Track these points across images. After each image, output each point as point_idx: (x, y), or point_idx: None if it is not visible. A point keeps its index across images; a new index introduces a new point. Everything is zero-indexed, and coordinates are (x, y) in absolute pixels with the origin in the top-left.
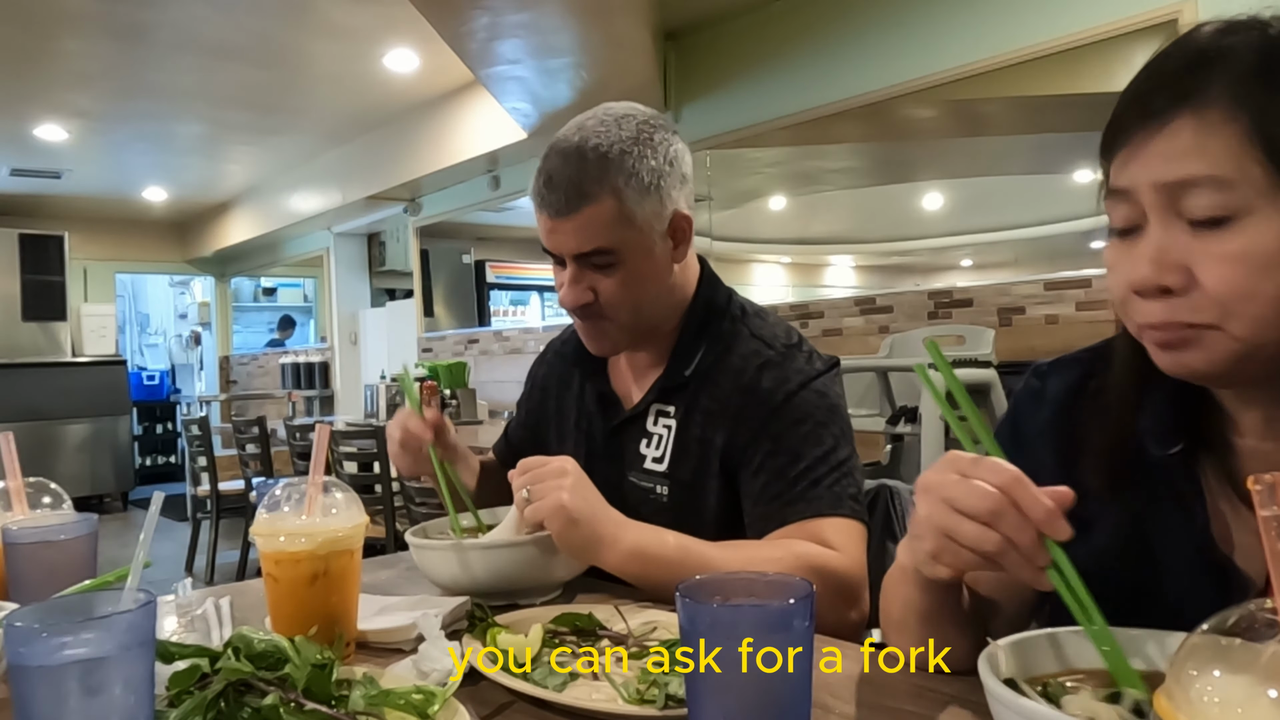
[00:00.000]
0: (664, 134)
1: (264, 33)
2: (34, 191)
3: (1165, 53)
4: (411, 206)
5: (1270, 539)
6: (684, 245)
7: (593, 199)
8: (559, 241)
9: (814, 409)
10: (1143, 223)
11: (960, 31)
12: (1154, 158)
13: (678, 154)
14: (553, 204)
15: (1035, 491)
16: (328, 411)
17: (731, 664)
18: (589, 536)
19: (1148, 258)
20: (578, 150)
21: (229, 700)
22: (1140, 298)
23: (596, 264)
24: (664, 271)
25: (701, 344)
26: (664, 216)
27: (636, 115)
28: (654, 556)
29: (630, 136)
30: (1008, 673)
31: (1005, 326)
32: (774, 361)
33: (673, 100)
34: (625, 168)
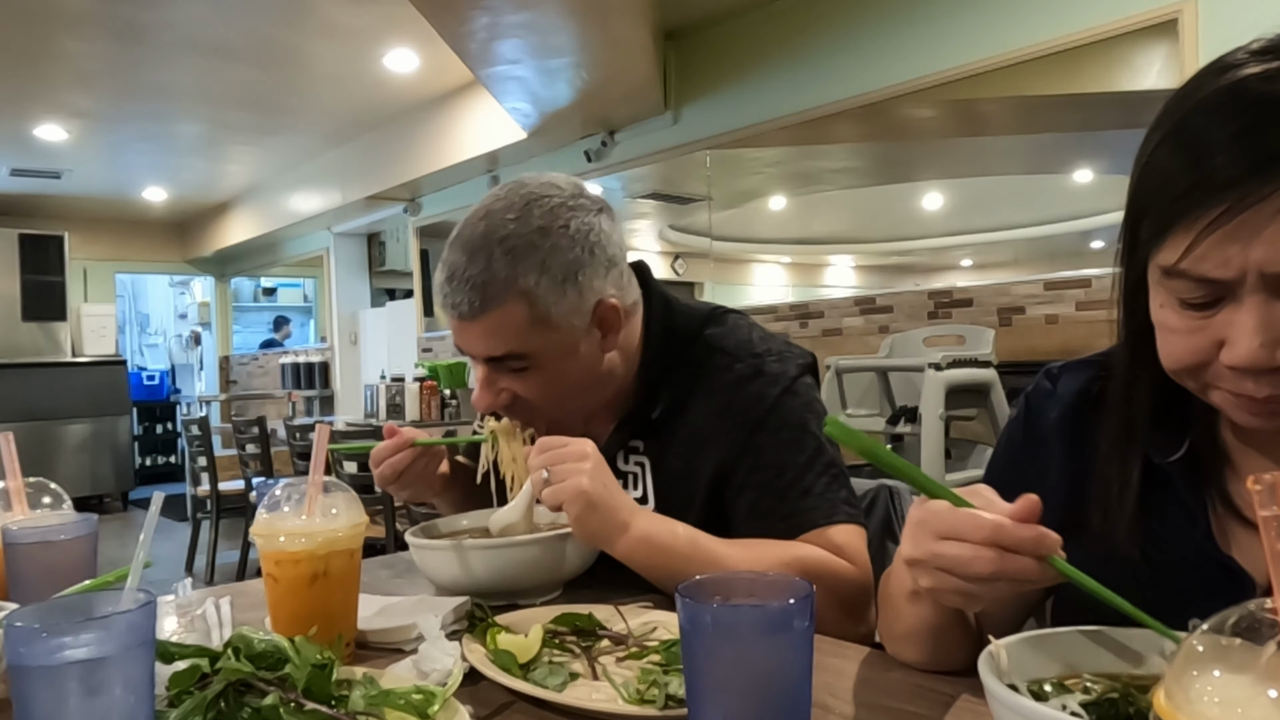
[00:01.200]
0: (583, 216)
1: (264, 33)
2: (34, 191)
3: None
4: (411, 206)
5: (1270, 539)
6: (613, 335)
7: (499, 302)
8: (466, 343)
9: (791, 413)
10: (1226, 295)
11: (960, 31)
12: (1271, 240)
13: (600, 235)
14: (455, 305)
15: (1016, 529)
16: (328, 411)
17: (731, 664)
18: (604, 523)
19: (1253, 337)
20: (483, 243)
21: (229, 700)
22: (1232, 371)
23: (511, 367)
24: (593, 364)
25: (663, 381)
26: (585, 311)
27: (552, 198)
28: (663, 546)
29: (541, 226)
30: (1008, 673)
31: (1005, 326)
32: (745, 376)
33: (673, 100)
34: (535, 262)
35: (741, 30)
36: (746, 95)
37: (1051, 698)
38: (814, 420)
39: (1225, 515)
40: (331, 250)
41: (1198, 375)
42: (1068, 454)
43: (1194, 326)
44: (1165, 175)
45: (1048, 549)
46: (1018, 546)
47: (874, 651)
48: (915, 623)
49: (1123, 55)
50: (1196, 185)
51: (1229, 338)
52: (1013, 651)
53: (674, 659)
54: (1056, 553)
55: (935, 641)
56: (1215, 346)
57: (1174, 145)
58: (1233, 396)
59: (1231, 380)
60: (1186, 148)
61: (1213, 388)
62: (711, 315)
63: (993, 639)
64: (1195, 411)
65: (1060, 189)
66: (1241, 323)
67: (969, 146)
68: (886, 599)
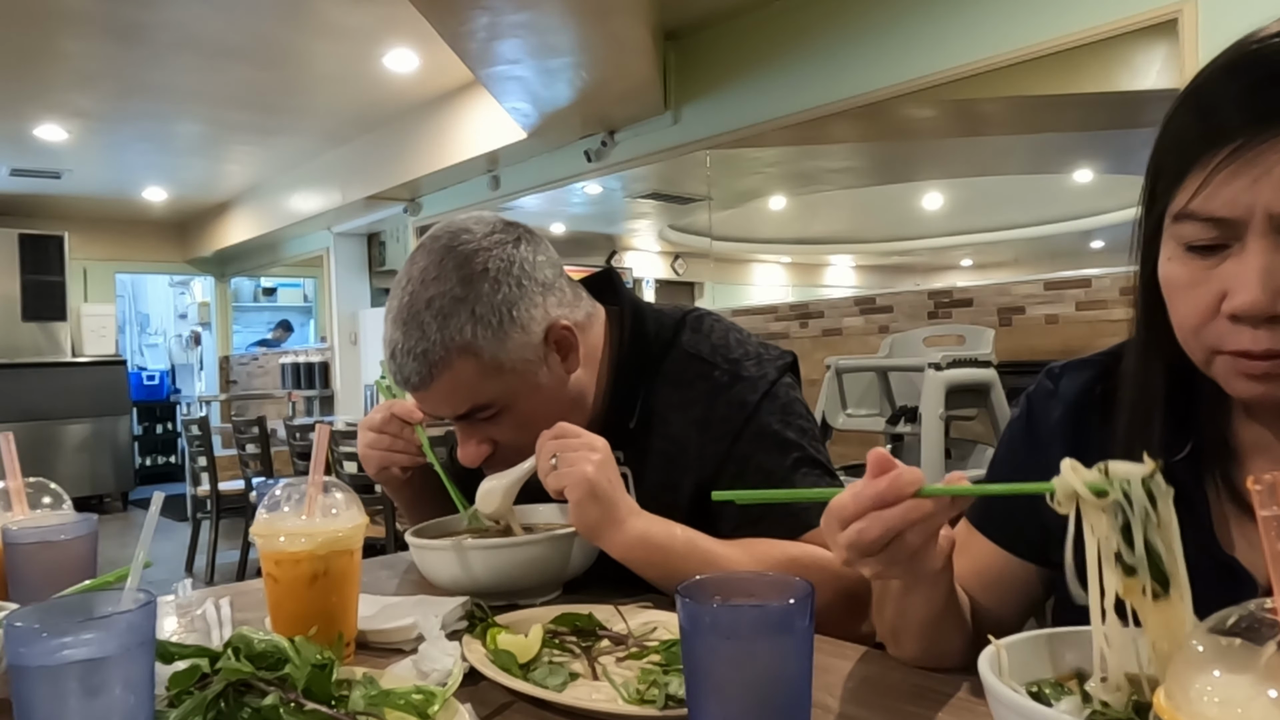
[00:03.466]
0: (500, 252)
1: (264, 33)
2: (34, 191)
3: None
4: (411, 206)
5: (1270, 539)
6: (573, 354)
7: (444, 366)
8: (430, 409)
9: (771, 418)
10: (1234, 241)
11: (960, 31)
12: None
13: (525, 265)
14: (406, 379)
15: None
16: (328, 411)
17: (731, 664)
18: (604, 515)
19: (1255, 283)
20: (411, 312)
21: (229, 700)
22: (1234, 323)
23: (481, 418)
24: (560, 389)
25: (638, 390)
26: (534, 342)
27: (465, 245)
28: (660, 545)
29: (462, 278)
30: (1008, 673)
31: (1005, 326)
32: (723, 384)
33: (673, 100)
34: (465, 317)
35: (741, 30)
36: (746, 95)
37: (1051, 698)
38: (796, 421)
39: (1229, 515)
40: (331, 250)
41: (1201, 336)
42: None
43: (1199, 278)
44: (1179, 131)
45: (909, 485)
46: (882, 498)
47: (874, 651)
48: (905, 616)
49: (1123, 55)
50: (1206, 133)
51: (1232, 287)
52: (1013, 651)
53: (674, 659)
54: (919, 486)
55: (929, 633)
56: (1218, 299)
57: (1189, 104)
58: (1233, 360)
59: (1232, 336)
60: (1200, 104)
61: (1215, 354)
62: (685, 320)
63: (993, 639)
64: (1202, 412)
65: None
66: (1244, 269)
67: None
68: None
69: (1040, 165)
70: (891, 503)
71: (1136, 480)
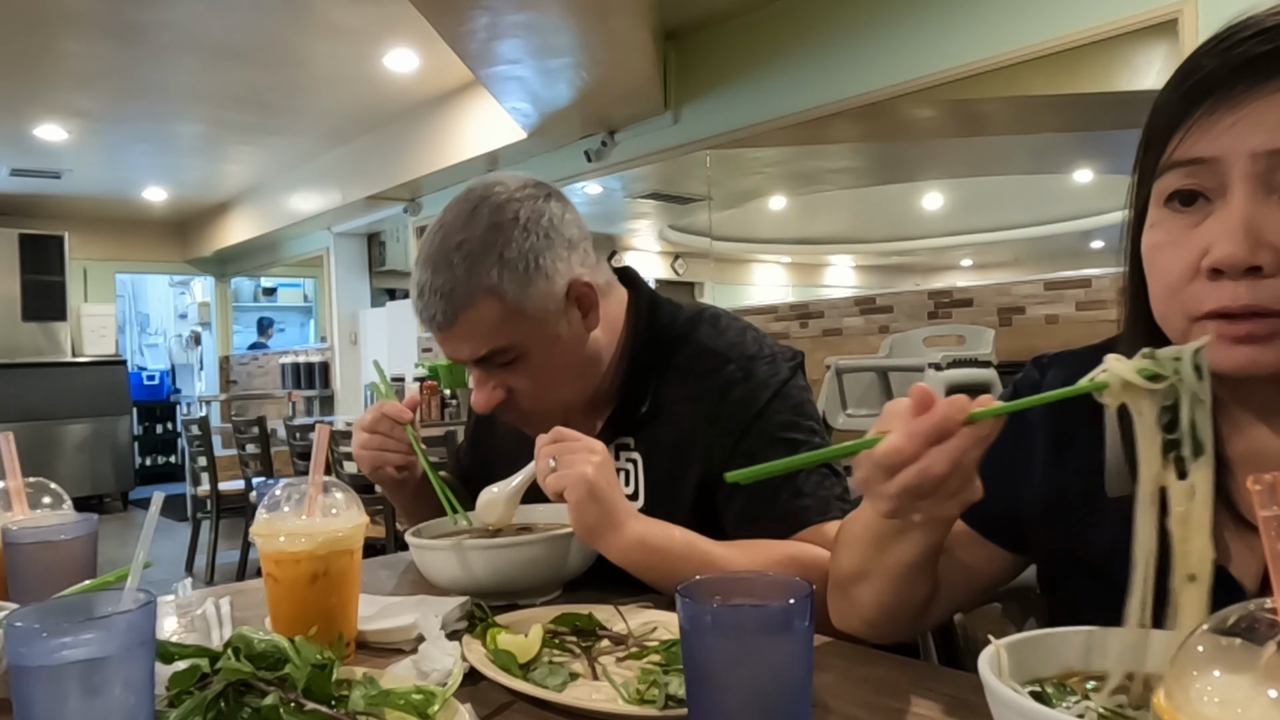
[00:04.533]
0: (532, 205)
1: (264, 33)
2: (34, 191)
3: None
4: (411, 206)
5: (1270, 539)
6: (593, 312)
7: (469, 305)
8: (451, 351)
9: (779, 417)
10: (1217, 195)
11: (960, 31)
12: (1258, 122)
13: (554, 220)
14: (429, 317)
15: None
16: (328, 411)
17: (731, 664)
18: (602, 517)
19: (1237, 232)
20: (441, 253)
21: (229, 700)
22: (1212, 280)
23: (499, 363)
24: (578, 346)
25: (651, 376)
26: (556, 294)
27: (497, 195)
28: (658, 548)
29: (489, 223)
30: (1008, 673)
31: (1005, 326)
32: (736, 379)
33: (673, 100)
34: (493, 259)
35: (741, 30)
36: (746, 95)
37: (1051, 698)
38: (804, 421)
39: (1222, 525)
40: (331, 250)
41: (1180, 300)
42: (1050, 447)
43: (1179, 238)
44: (1165, 99)
45: (960, 412)
46: (940, 430)
47: (874, 651)
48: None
49: (1122, 55)
50: (1188, 91)
51: (1212, 240)
52: (1013, 651)
53: (674, 659)
54: (969, 412)
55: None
56: (1199, 256)
57: (1175, 78)
58: (1213, 325)
59: (1212, 294)
60: (1185, 73)
61: (1193, 321)
62: (702, 316)
63: (993, 639)
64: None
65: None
66: (1226, 218)
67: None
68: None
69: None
70: (949, 434)
71: (1187, 357)
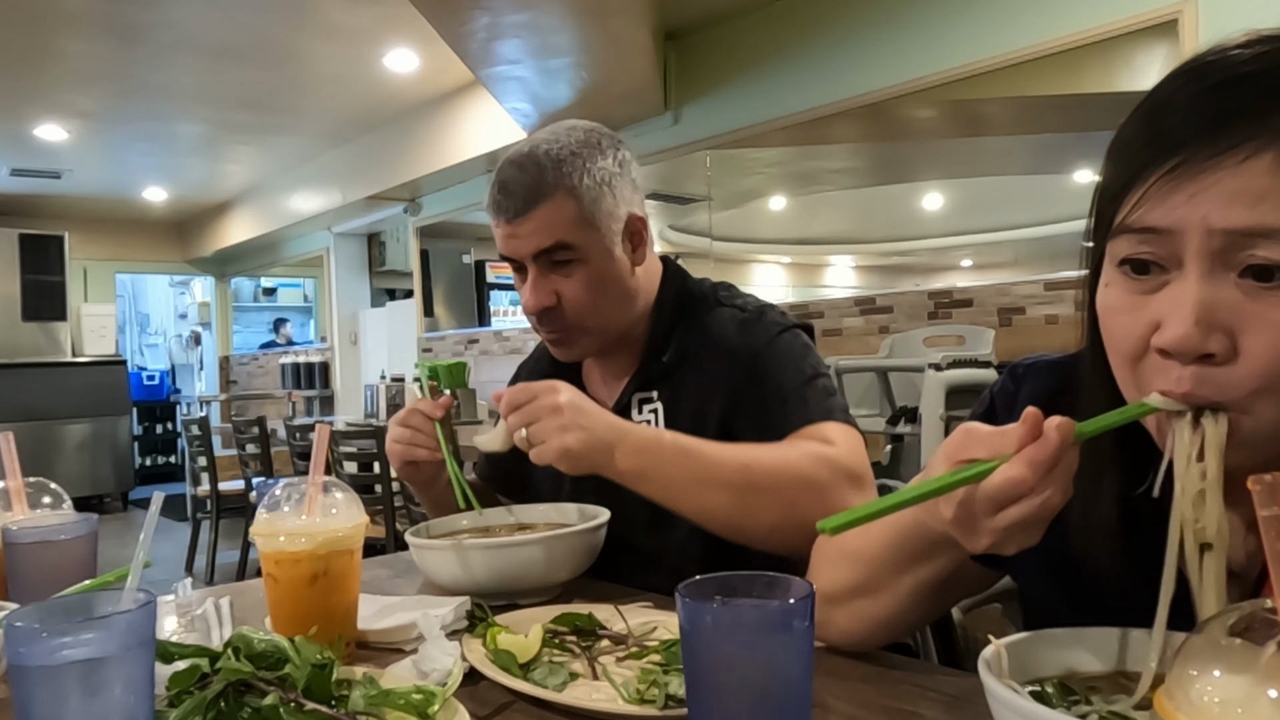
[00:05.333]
0: (611, 140)
1: (264, 33)
2: (34, 191)
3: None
4: (411, 206)
5: (1270, 539)
6: (642, 248)
7: (548, 197)
8: (518, 245)
9: (790, 347)
10: (1172, 266)
11: (960, 31)
12: (1220, 194)
13: (626, 160)
14: (509, 209)
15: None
16: (328, 411)
17: (731, 664)
18: (596, 461)
19: (1189, 314)
20: (530, 156)
21: (229, 700)
22: (1161, 358)
23: (558, 261)
24: (625, 274)
25: (676, 332)
26: (619, 217)
27: (583, 125)
28: (654, 449)
29: (579, 140)
30: (1008, 673)
31: (1005, 326)
32: (750, 320)
33: (673, 100)
34: (578, 166)
35: (741, 30)
36: (746, 95)
37: (1051, 698)
38: (812, 357)
39: None
40: (331, 250)
41: (1134, 373)
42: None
43: (1133, 303)
44: (1128, 140)
45: (1071, 434)
46: (1057, 458)
47: (874, 651)
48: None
49: (1123, 55)
50: (1151, 140)
51: (1165, 317)
52: (1013, 651)
53: (674, 659)
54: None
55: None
56: (1150, 330)
57: (1139, 114)
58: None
59: (1160, 374)
60: (1149, 113)
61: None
62: (725, 285)
63: (993, 639)
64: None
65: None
66: (1179, 296)
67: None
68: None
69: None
70: (1060, 460)
71: None
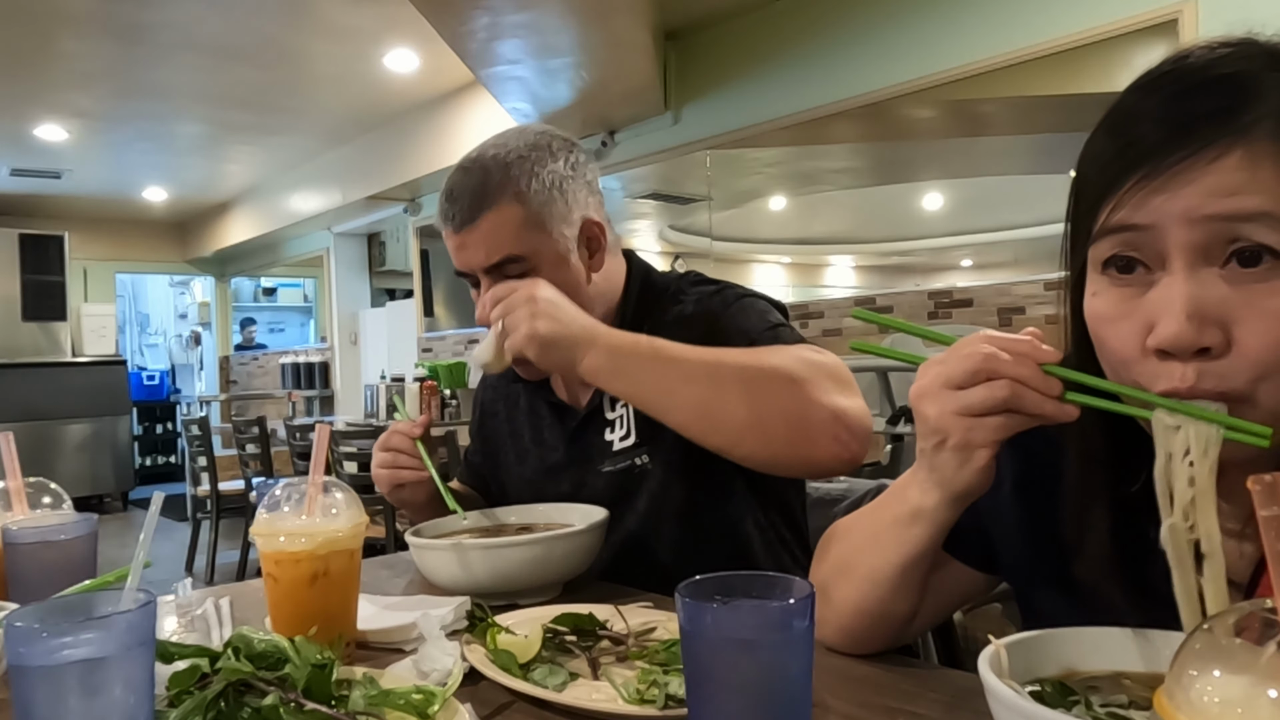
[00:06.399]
0: (564, 143)
1: (264, 33)
2: (34, 191)
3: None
4: (411, 206)
5: (1270, 539)
6: (600, 253)
7: (494, 204)
8: (468, 257)
9: (751, 306)
10: (1156, 265)
11: (960, 31)
12: (1196, 190)
13: (579, 163)
14: (455, 216)
15: (1008, 337)
16: (328, 411)
17: (731, 664)
18: (566, 355)
19: (1180, 312)
20: (476, 161)
21: (229, 700)
22: (1160, 359)
23: (509, 274)
24: (580, 281)
25: (643, 323)
26: (572, 221)
27: (535, 128)
28: (628, 352)
29: (528, 144)
30: (1008, 673)
31: (1005, 326)
32: (712, 292)
33: (673, 100)
34: (525, 170)
35: (741, 30)
36: (746, 95)
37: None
38: (776, 312)
39: None
40: (331, 250)
41: (1135, 378)
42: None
43: (1123, 309)
44: (1097, 152)
45: (1044, 357)
46: (1012, 346)
47: (874, 652)
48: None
49: (1123, 55)
50: (1122, 151)
51: (1156, 317)
52: (1013, 651)
53: (674, 659)
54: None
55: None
56: (1144, 333)
57: (1108, 124)
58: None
59: (1163, 376)
60: (1115, 125)
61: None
62: (693, 273)
63: (993, 639)
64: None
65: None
66: (1168, 294)
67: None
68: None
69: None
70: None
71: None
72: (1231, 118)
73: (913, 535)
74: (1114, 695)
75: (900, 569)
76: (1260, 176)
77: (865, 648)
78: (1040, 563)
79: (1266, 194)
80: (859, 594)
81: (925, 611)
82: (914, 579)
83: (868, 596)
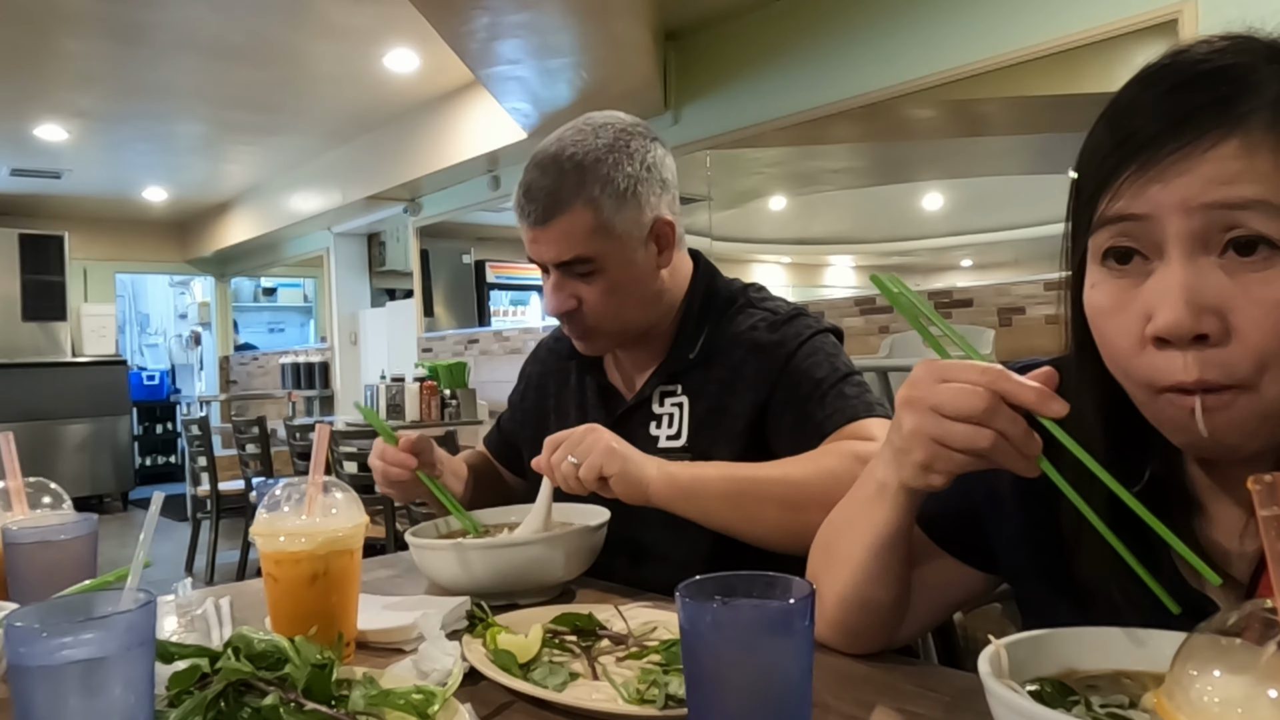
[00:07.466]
0: (642, 140)
1: (264, 33)
2: (34, 191)
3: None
4: (411, 206)
5: (1270, 539)
6: (669, 251)
7: (567, 208)
8: (539, 250)
9: (822, 347)
10: (1154, 255)
11: (960, 31)
12: (1193, 179)
13: (656, 160)
14: (530, 214)
15: (1020, 380)
16: (328, 411)
17: (731, 664)
18: (637, 473)
19: (1178, 300)
20: (554, 160)
21: (229, 700)
22: (1159, 349)
23: (578, 272)
24: (648, 279)
25: (704, 327)
26: (643, 224)
27: (614, 124)
28: (697, 476)
29: (606, 144)
30: (1008, 673)
31: (1005, 326)
32: (781, 322)
33: (673, 100)
34: (600, 175)
35: (741, 30)
36: (746, 95)
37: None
38: (844, 357)
39: None
40: (331, 250)
41: (1134, 372)
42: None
43: (1121, 300)
44: (1096, 145)
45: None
46: (1019, 396)
47: (874, 652)
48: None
49: (1123, 55)
50: (1120, 144)
51: (1154, 306)
52: (1013, 651)
53: (674, 659)
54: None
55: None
56: (1144, 322)
57: (1107, 117)
58: (1172, 397)
59: (1165, 367)
60: (1114, 118)
61: (1154, 393)
62: (756, 285)
63: (993, 639)
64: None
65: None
66: (1165, 282)
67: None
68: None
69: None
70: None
71: None
72: (1228, 108)
73: (880, 515)
74: (1114, 695)
75: (873, 551)
76: (1257, 165)
77: (856, 642)
78: (1040, 563)
79: (1263, 182)
80: (839, 581)
81: (923, 610)
82: (888, 563)
83: (846, 583)
